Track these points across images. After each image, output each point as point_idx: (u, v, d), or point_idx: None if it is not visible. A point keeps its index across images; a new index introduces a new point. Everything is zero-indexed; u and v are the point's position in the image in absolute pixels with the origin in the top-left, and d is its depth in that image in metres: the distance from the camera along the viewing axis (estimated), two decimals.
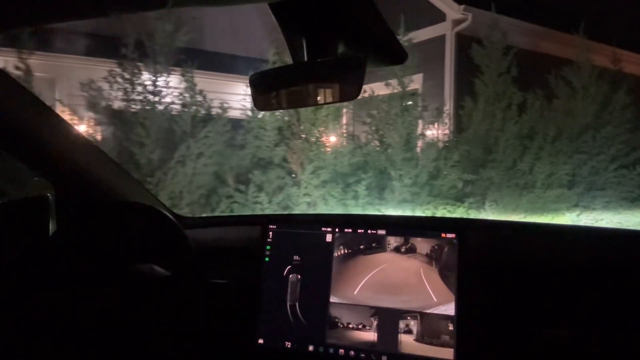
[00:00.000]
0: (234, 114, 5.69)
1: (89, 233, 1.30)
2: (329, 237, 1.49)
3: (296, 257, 1.51)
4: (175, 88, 5.36)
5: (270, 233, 1.53)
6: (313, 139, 5.65)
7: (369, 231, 1.46)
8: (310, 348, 1.42)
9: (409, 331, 1.36)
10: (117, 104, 5.20)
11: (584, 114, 6.42)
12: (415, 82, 6.47)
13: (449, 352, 1.31)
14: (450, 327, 1.32)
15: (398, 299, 1.39)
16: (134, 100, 5.20)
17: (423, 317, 1.36)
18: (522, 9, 7.48)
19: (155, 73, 5.24)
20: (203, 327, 1.44)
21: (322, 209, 5.44)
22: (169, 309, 1.30)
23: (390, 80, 5.98)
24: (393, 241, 1.44)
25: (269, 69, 1.04)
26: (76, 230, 1.29)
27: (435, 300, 1.36)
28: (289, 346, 1.44)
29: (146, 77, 5.25)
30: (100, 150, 1.42)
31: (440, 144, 6.12)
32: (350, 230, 1.48)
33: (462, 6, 7.43)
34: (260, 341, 1.46)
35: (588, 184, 6.31)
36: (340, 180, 5.59)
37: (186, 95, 5.35)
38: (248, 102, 5.54)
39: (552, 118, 6.33)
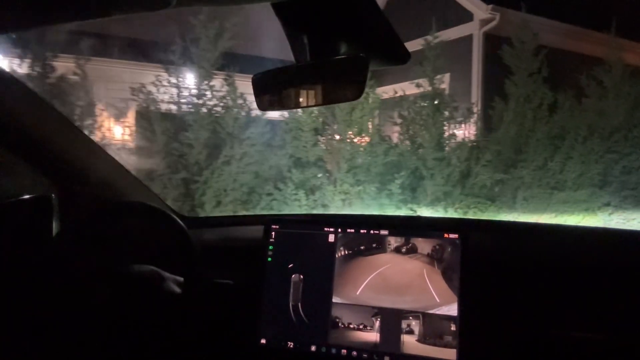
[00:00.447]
0: (272, 115, 5.77)
1: (92, 233, 1.28)
2: (331, 238, 1.45)
3: (298, 258, 1.46)
4: (218, 91, 5.44)
5: (273, 233, 1.49)
6: (348, 140, 5.69)
7: (372, 231, 1.42)
8: (313, 348, 1.38)
9: (411, 332, 1.32)
10: (165, 107, 5.39)
11: (616, 113, 6.25)
12: (443, 82, 6.35)
13: (451, 353, 1.27)
14: (453, 328, 1.28)
15: (401, 300, 1.35)
16: (180, 103, 5.33)
17: (425, 317, 1.32)
18: (551, 7, 7.31)
19: (200, 77, 5.33)
20: (206, 327, 1.41)
21: (358, 206, 5.45)
22: (172, 309, 1.26)
23: (419, 80, 5.89)
24: (395, 242, 1.40)
25: (271, 69, 0.99)
26: (79, 231, 1.27)
27: (437, 300, 1.32)
28: (291, 346, 1.40)
29: (191, 81, 5.37)
30: (103, 150, 1.39)
31: (470, 144, 6.00)
32: (352, 230, 1.44)
33: (490, 6, 7.30)
34: (263, 341, 1.43)
35: (620, 184, 6.13)
36: (374, 179, 5.58)
37: (228, 98, 5.41)
38: None
39: (583, 118, 6.17)
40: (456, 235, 1.34)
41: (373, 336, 1.34)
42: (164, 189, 5.02)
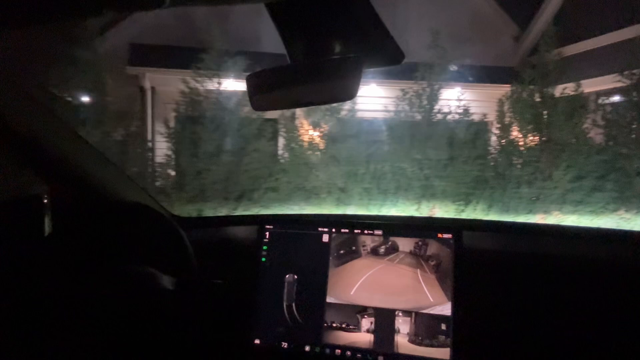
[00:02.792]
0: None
1: (84, 233, 1.26)
2: (325, 238, 1.42)
3: (293, 258, 1.43)
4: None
5: (267, 233, 1.46)
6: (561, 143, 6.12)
7: (366, 232, 1.40)
8: (307, 348, 1.36)
9: (405, 331, 1.30)
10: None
11: None
12: None
13: (445, 352, 1.25)
14: (447, 328, 1.27)
15: (394, 300, 1.33)
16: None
17: (419, 317, 1.30)
18: None
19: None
20: (200, 327, 1.39)
21: (572, 199, 5.95)
22: (165, 309, 1.25)
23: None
24: (389, 242, 1.37)
25: (265, 69, 0.98)
26: (72, 231, 1.25)
27: (431, 300, 1.30)
28: (285, 346, 1.37)
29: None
30: (95, 150, 1.36)
31: None
32: (346, 230, 1.41)
33: None
34: (257, 341, 1.39)
35: None
36: (587, 176, 5.95)
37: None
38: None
39: None
40: (450, 235, 1.32)
41: (367, 336, 1.31)
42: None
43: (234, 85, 6.03)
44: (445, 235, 1.33)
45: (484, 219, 5.65)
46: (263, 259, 1.44)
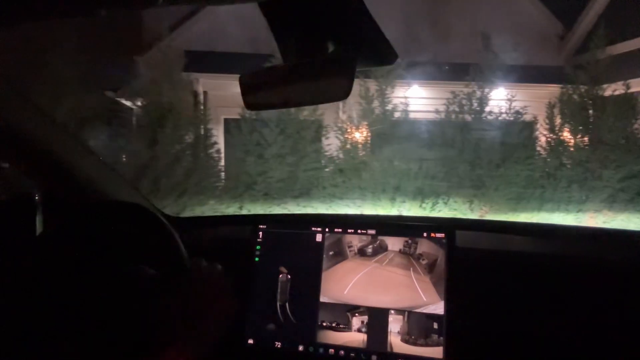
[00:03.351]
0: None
1: (76, 233, 1.25)
2: (319, 237, 1.40)
3: (286, 257, 1.41)
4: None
5: (260, 233, 1.45)
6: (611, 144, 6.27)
7: (359, 231, 1.38)
8: (300, 348, 1.34)
9: (398, 330, 1.28)
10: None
11: None
12: None
13: (438, 351, 1.23)
14: (439, 327, 1.25)
15: (388, 299, 1.31)
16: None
17: (412, 316, 1.28)
18: None
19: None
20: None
21: (622, 198, 6.11)
22: (158, 309, 1.24)
23: None
24: (382, 241, 1.35)
25: (259, 69, 0.98)
26: (63, 230, 1.24)
27: (424, 299, 1.28)
28: (278, 346, 1.35)
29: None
30: (86, 148, 1.35)
31: None
32: (340, 230, 1.39)
33: None
34: (250, 341, 1.38)
35: None
36: (637, 175, 6.17)
37: None
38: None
39: None
40: (442, 235, 1.30)
41: (360, 335, 1.29)
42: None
43: None
44: (438, 235, 1.31)
45: (476, 218, 5.70)
46: (256, 259, 1.43)
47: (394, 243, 1.35)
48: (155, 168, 6.22)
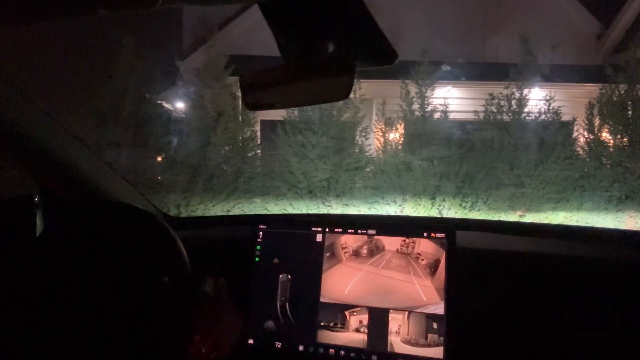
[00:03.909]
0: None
1: (76, 234, 1.25)
2: (319, 237, 1.37)
3: (286, 258, 1.39)
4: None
5: (260, 233, 1.42)
6: None
7: (359, 231, 1.35)
8: (301, 348, 1.31)
9: (398, 331, 1.26)
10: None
11: None
12: None
13: (438, 352, 1.21)
14: (440, 327, 1.23)
15: (388, 299, 1.29)
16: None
17: (412, 316, 1.25)
18: None
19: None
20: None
21: None
22: (157, 309, 1.24)
23: None
24: (382, 241, 1.33)
25: (259, 69, 0.98)
26: (63, 231, 1.24)
27: (424, 299, 1.26)
28: (279, 346, 1.33)
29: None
30: (87, 150, 1.34)
31: None
32: (340, 230, 1.37)
33: None
34: (251, 341, 1.36)
35: None
36: None
37: None
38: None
39: None
40: (442, 235, 1.28)
41: (361, 336, 1.28)
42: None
43: None
44: (439, 235, 1.28)
45: (476, 218, 5.71)
46: (257, 259, 1.41)
47: (393, 243, 1.32)
48: (208, 168, 6.51)
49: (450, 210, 6.24)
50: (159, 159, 6.87)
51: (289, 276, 1.38)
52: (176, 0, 0.58)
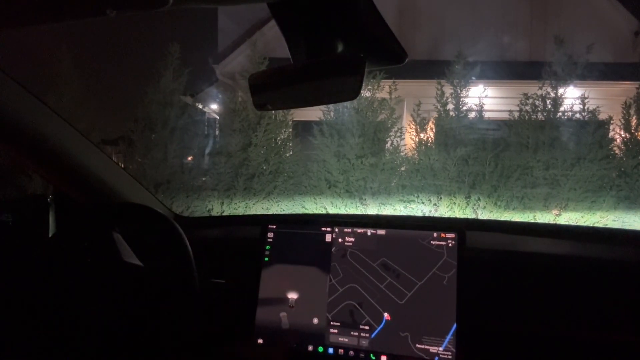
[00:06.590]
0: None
1: (88, 234, 1.26)
2: (328, 237, 1.36)
3: (296, 257, 1.39)
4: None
5: (270, 233, 1.42)
6: None
7: (369, 231, 1.34)
8: (310, 348, 1.30)
9: (408, 331, 1.25)
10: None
11: None
12: None
13: (448, 352, 1.20)
14: (450, 327, 1.22)
15: (397, 298, 1.28)
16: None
17: (423, 316, 1.24)
18: None
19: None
20: (202, 327, 1.39)
21: None
22: (167, 309, 1.24)
23: None
24: (391, 241, 1.32)
25: (268, 68, 0.98)
26: (76, 231, 1.25)
27: (435, 299, 1.25)
28: (288, 346, 1.32)
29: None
30: (99, 151, 1.35)
31: None
32: (349, 230, 1.36)
33: None
34: (260, 341, 1.35)
35: None
36: None
37: None
38: None
39: None
40: (453, 235, 1.27)
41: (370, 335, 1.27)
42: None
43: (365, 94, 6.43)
44: (449, 235, 1.27)
45: (487, 218, 5.69)
46: (266, 259, 1.40)
47: (403, 243, 1.32)
48: (249, 168, 6.70)
49: (485, 209, 6.23)
50: (203, 159, 7.03)
51: (299, 276, 1.37)
52: (187, 1, 0.58)
